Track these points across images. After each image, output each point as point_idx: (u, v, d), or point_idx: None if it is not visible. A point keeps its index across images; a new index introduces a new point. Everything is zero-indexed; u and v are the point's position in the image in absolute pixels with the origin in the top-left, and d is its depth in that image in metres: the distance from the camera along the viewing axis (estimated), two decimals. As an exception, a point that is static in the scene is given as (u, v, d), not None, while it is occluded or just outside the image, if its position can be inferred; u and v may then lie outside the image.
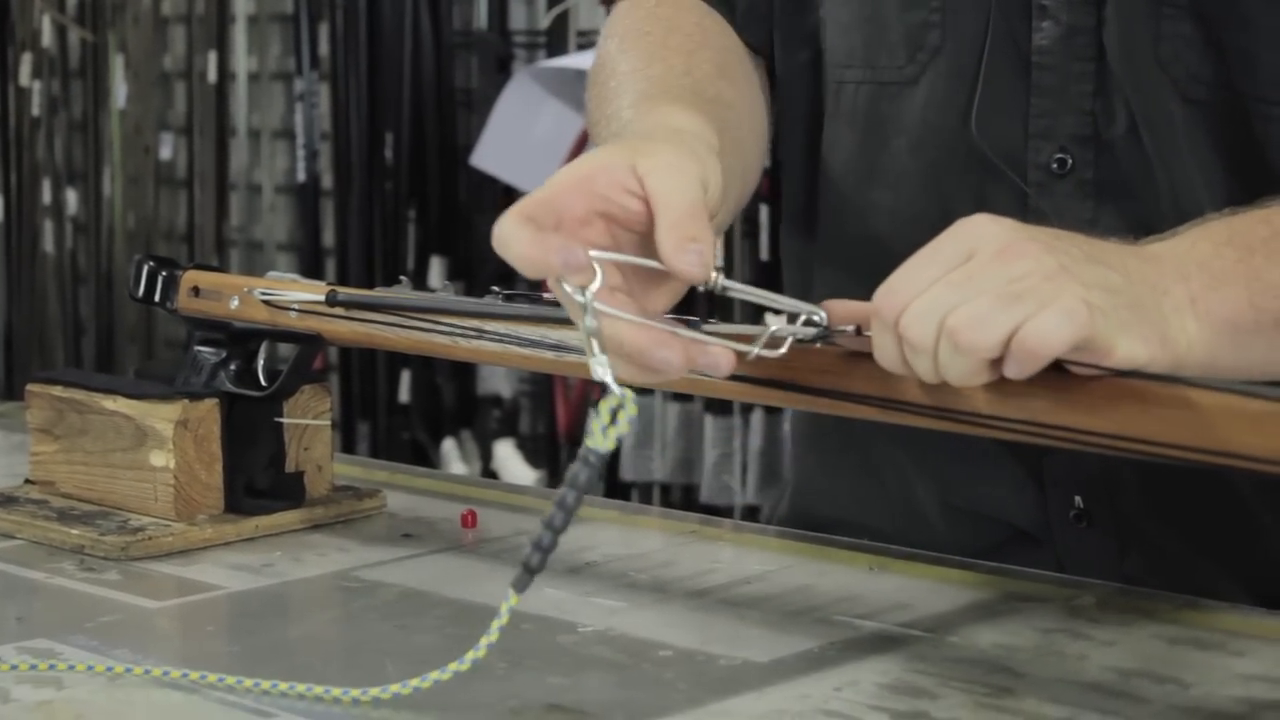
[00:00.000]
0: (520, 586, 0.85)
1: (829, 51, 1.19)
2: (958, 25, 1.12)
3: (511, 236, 0.85)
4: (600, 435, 0.84)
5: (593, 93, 1.16)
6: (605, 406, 0.84)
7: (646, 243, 0.87)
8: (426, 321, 1.09)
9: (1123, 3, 1.07)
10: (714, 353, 0.87)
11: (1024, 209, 1.08)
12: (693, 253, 0.86)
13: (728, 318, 1.01)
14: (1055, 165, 1.09)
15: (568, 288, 0.85)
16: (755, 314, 0.92)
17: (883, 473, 1.22)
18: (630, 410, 0.84)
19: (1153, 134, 1.07)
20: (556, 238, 0.85)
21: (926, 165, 1.14)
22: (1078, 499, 1.14)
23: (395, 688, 0.87)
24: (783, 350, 0.90)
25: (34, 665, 0.92)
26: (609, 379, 0.84)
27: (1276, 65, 1.04)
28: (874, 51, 1.16)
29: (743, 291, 0.89)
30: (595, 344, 0.85)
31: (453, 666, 0.86)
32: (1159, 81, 1.06)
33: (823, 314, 0.90)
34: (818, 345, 0.90)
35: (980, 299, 0.82)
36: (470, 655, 0.86)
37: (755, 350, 0.90)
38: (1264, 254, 0.92)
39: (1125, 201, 1.07)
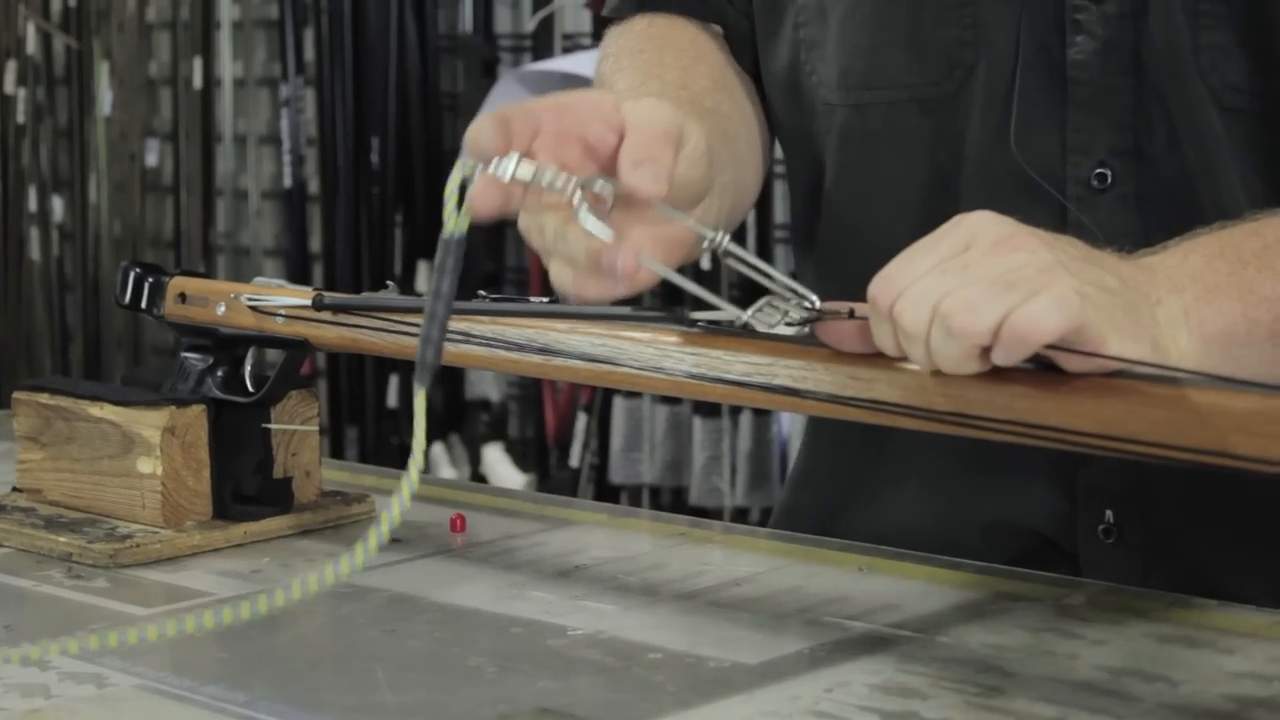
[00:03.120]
0: (423, 380, 0.87)
1: (843, 74, 1.18)
2: (991, 42, 1.12)
3: (477, 124, 0.90)
4: (455, 217, 0.88)
5: None
6: (451, 189, 0.88)
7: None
8: (413, 325, 1.09)
9: (1162, 15, 1.07)
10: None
11: (1064, 225, 1.07)
12: (647, 167, 0.89)
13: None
14: (1095, 180, 1.09)
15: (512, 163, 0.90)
16: (745, 302, 0.92)
17: (906, 484, 1.21)
18: (460, 179, 0.89)
19: (1194, 145, 1.07)
20: (499, 128, 0.89)
21: (966, 181, 1.14)
22: (1109, 513, 1.13)
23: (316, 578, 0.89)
24: (771, 328, 0.91)
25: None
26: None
27: None
28: (909, 70, 1.15)
29: (744, 259, 0.90)
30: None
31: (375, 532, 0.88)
32: (1198, 92, 1.06)
33: (814, 299, 0.90)
34: (806, 328, 0.91)
35: (974, 286, 0.82)
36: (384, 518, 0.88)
37: (744, 317, 0.92)
38: (1256, 266, 0.92)
39: (1169, 214, 1.07)
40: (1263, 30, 1.05)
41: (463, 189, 0.89)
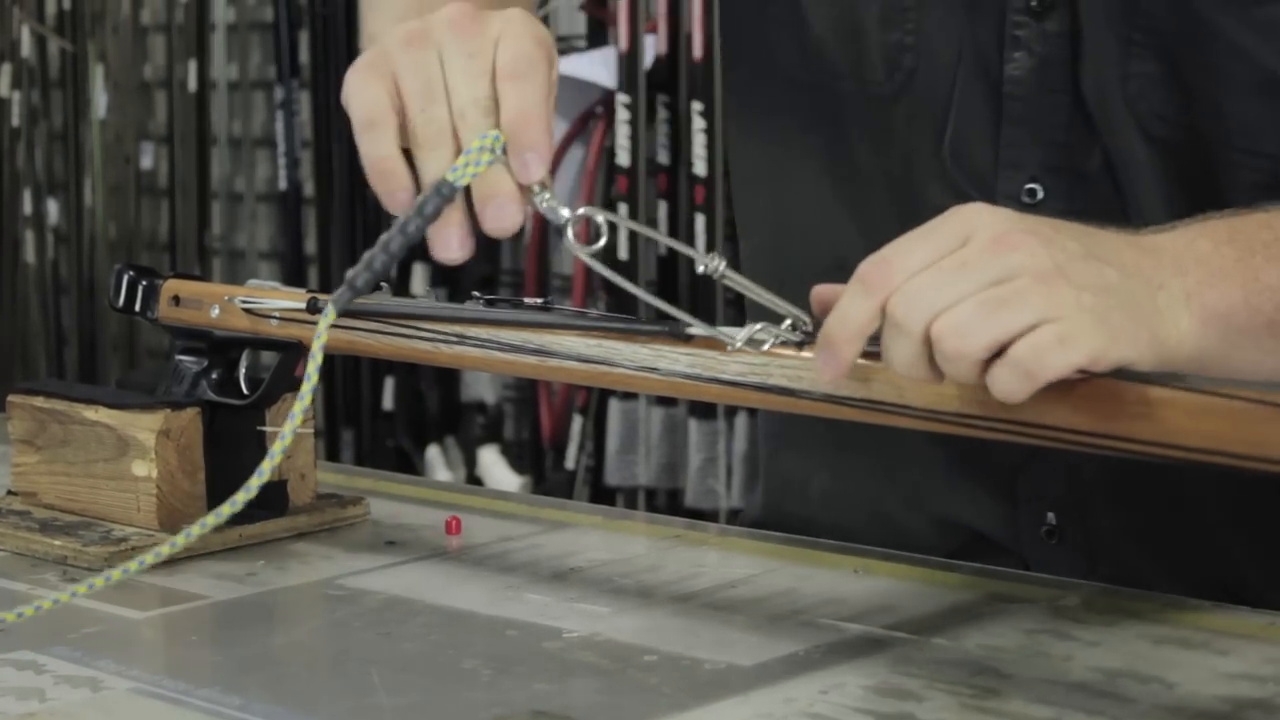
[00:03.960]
0: (340, 301, 0.88)
1: (815, 55, 1.18)
2: (932, 48, 1.12)
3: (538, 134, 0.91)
4: (463, 169, 0.88)
5: None
6: (476, 143, 0.88)
7: None
8: (408, 327, 1.09)
9: (1094, 38, 1.07)
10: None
11: None
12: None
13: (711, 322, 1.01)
14: (1026, 196, 1.09)
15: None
16: (737, 318, 0.93)
17: (853, 476, 1.22)
18: (496, 154, 0.88)
19: (1124, 169, 1.07)
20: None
21: (902, 183, 1.14)
22: (1050, 515, 1.14)
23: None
24: (764, 349, 0.91)
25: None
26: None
27: (1241, 113, 1.04)
28: (859, 65, 1.16)
29: (738, 283, 0.90)
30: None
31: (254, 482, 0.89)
32: (1125, 118, 1.06)
33: (808, 321, 0.90)
34: (802, 351, 0.91)
35: (966, 304, 0.82)
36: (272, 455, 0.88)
37: (736, 343, 0.92)
38: (1265, 256, 0.92)
39: None
40: (1191, 64, 1.04)
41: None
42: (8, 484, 1.27)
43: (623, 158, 3.19)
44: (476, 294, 1.08)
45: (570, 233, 0.91)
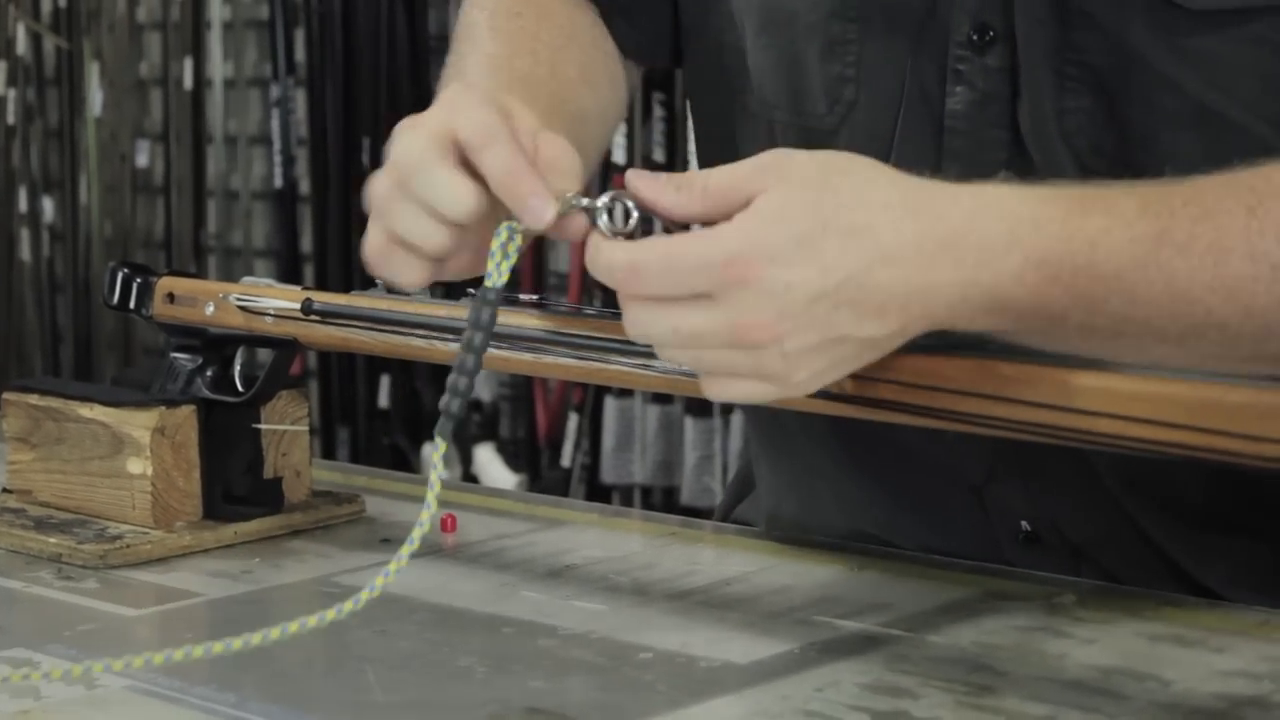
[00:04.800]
0: (444, 432, 0.89)
1: (758, 88, 1.18)
2: (873, 82, 1.11)
3: (537, 199, 0.92)
4: (496, 272, 0.92)
5: (451, 62, 1.17)
6: (496, 244, 0.92)
7: None
8: (403, 329, 1.09)
9: (1031, 74, 1.06)
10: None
11: None
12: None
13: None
14: None
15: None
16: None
17: (820, 508, 1.22)
18: (519, 241, 0.91)
19: None
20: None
21: None
22: (1024, 523, 1.14)
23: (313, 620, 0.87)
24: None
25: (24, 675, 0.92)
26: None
27: (1173, 145, 1.03)
28: (799, 97, 1.15)
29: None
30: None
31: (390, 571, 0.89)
32: (1062, 152, 1.06)
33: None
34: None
35: (695, 365, 0.88)
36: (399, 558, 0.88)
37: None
38: (1087, 261, 0.88)
39: None
40: (1124, 97, 1.04)
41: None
42: (3, 481, 1.27)
43: (618, 155, 3.19)
44: (471, 291, 1.07)
45: (605, 219, 0.91)
